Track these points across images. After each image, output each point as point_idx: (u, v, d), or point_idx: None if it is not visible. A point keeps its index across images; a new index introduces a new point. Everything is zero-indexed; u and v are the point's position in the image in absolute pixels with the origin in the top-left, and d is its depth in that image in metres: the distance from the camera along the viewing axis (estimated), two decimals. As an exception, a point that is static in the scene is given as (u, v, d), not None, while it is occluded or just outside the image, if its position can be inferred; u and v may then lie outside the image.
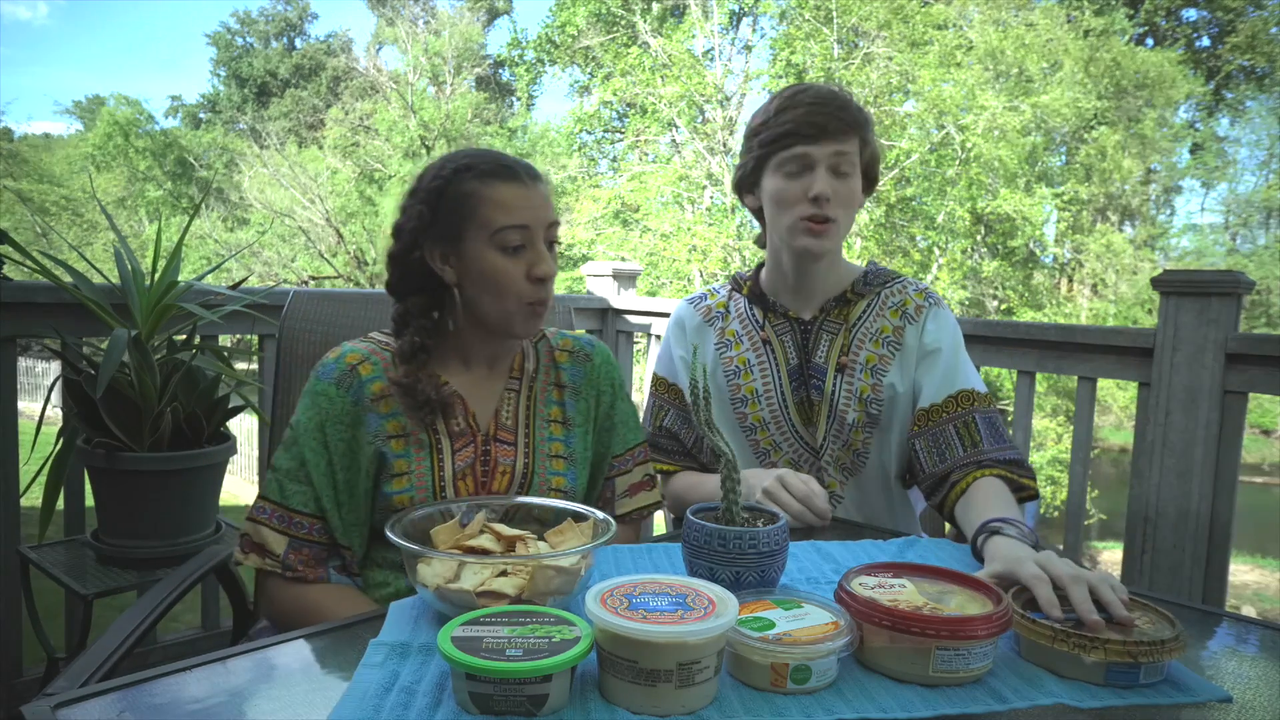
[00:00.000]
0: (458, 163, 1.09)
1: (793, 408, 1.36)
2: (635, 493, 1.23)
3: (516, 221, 1.05)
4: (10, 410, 1.88)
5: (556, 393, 1.19)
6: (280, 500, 1.05)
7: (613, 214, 13.83)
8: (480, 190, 1.06)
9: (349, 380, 1.08)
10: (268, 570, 1.04)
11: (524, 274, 1.06)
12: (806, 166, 1.28)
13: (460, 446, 1.10)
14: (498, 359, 1.16)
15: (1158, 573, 1.91)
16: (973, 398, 1.29)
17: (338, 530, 1.06)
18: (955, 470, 1.25)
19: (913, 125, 12.36)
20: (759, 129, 1.33)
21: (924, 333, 1.33)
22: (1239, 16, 16.40)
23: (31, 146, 24.03)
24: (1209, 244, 16.57)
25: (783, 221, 1.32)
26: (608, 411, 1.22)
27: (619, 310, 3.01)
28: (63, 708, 0.63)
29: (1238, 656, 0.84)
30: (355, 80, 22.34)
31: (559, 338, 1.23)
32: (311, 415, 1.06)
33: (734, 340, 1.42)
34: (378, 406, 1.08)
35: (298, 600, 1.03)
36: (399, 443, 1.08)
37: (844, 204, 1.29)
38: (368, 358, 1.10)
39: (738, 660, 0.70)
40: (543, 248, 1.08)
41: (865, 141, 1.31)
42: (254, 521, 1.05)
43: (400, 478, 1.07)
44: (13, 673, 1.92)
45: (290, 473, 1.05)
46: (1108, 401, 13.03)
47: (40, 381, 12.01)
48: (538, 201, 1.08)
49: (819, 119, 1.26)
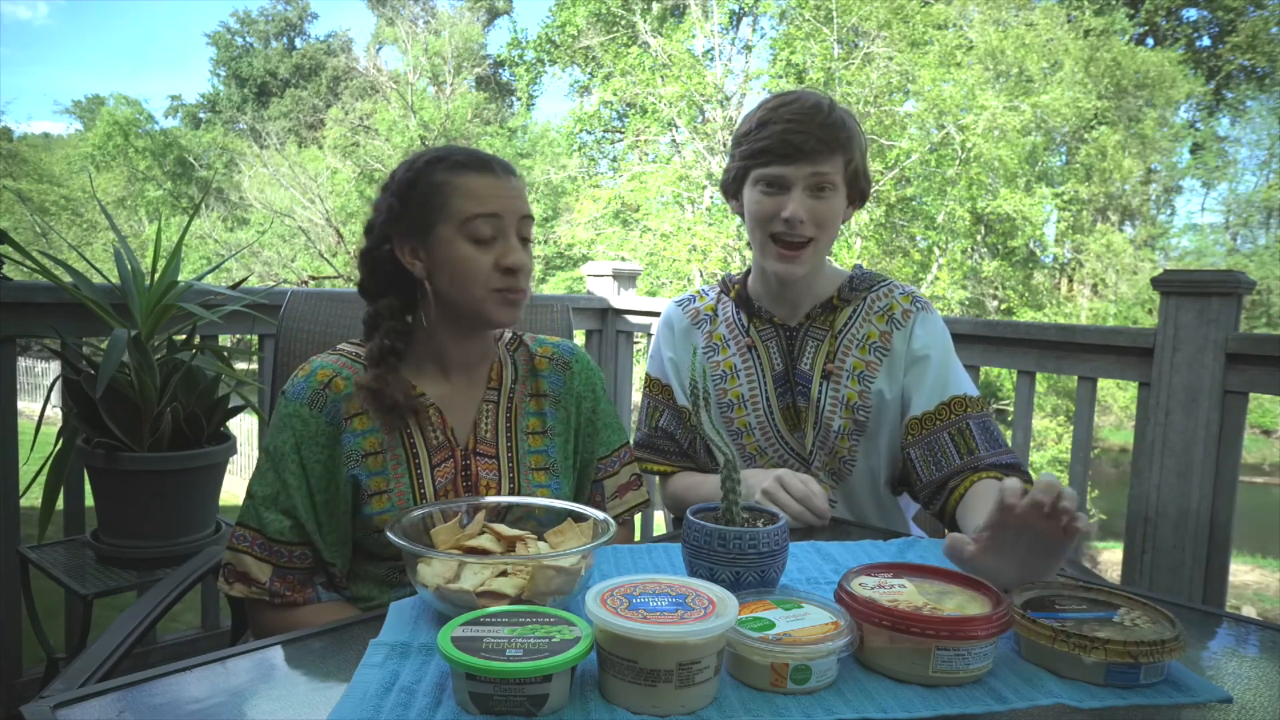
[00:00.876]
0: (430, 156, 1.08)
1: (778, 414, 1.35)
2: (624, 493, 1.23)
3: (487, 210, 1.03)
4: (10, 410, 1.87)
5: (535, 402, 1.16)
6: (259, 528, 1.02)
7: (613, 214, 13.84)
8: (451, 180, 1.04)
9: (321, 399, 1.04)
10: (254, 599, 1.02)
11: (493, 264, 1.03)
12: (782, 186, 1.26)
13: (439, 461, 1.08)
14: (474, 367, 1.14)
15: (1158, 573, 1.91)
16: (965, 403, 1.28)
17: (322, 550, 1.04)
18: (953, 477, 1.25)
19: (913, 125, 12.37)
20: (741, 139, 1.31)
21: (912, 338, 1.32)
22: (1239, 16, 16.41)
23: (31, 146, 24.06)
24: (1209, 244, 16.57)
25: (756, 237, 1.31)
26: (589, 417, 1.20)
27: (619, 310, 3.01)
28: (62, 708, 0.63)
29: (1238, 657, 0.84)
30: (355, 80, 22.35)
31: (538, 344, 1.21)
32: (286, 438, 1.03)
33: (721, 344, 1.41)
34: (352, 424, 1.05)
35: (286, 624, 1.01)
36: (376, 460, 1.05)
37: (821, 224, 1.27)
38: (339, 373, 1.07)
39: (738, 660, 0.69)
40: (514, 239, 1.05)
41: (849, 159, 1.28)
42: (235, 550, 1.02)
43: (379, 496, 1.04)
44: (13, 673, 1.92)
45: (268, 500, 1.02)
46: (1108, 401, 13.03)
47: (40, 381, 12.01)
48: (510, 192, 1.05)
49: (797, 138, 1.23)
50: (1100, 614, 0.77)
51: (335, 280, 17.88)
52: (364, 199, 18.00)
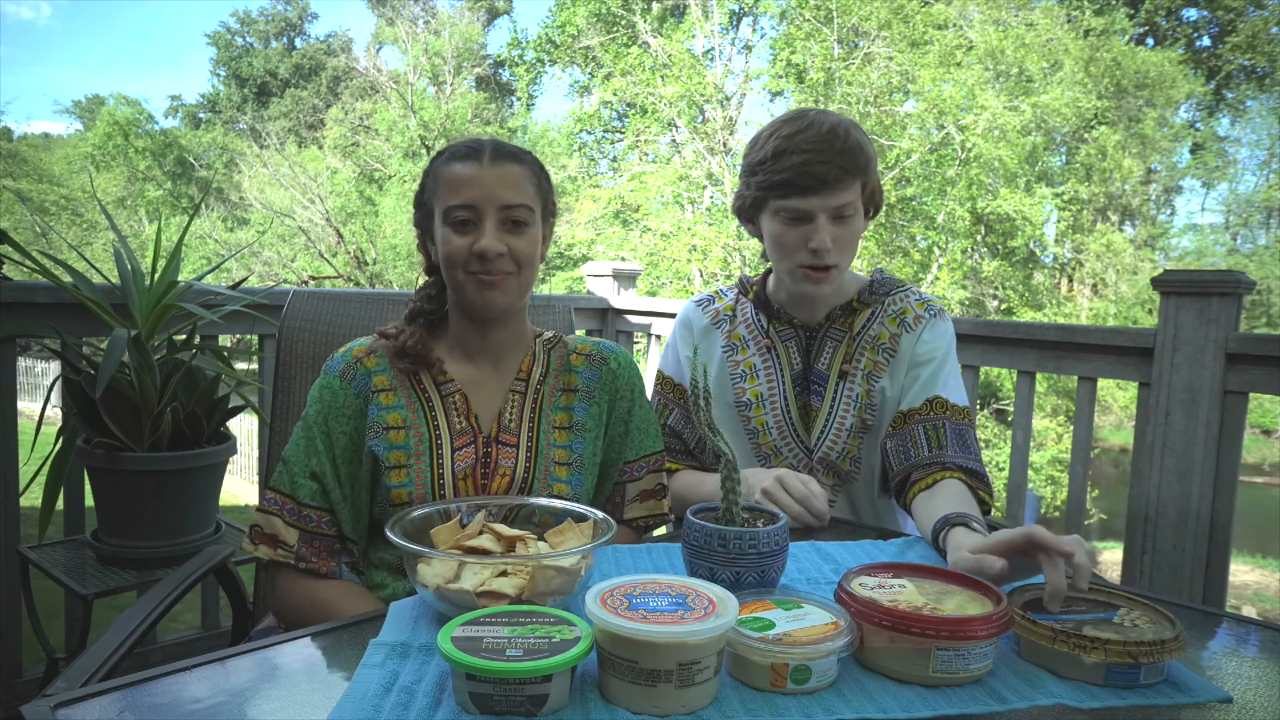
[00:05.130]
0: (444, 148, 1.14)
1: (795, 413, 1.36)
2: (645, 499, 1.22)
3: (462, 200, 1.06)
4: (10, 410, 1.88)
5: (565, 397, 1.17)
6: (290, 492, 1.06)
7: (613, 214, 13.84)
8: (440, 171, 1.10)
9: (353, 372, 1.10)
10: (280, 561, 1.04)
11: (468, 248, 1.07)
12: (805, 218, 1.25)
13: (461, 445, 1.10)
14: (501, 356, 1.16)
15: (1158, 573, 1.91)
16: (945, 406, 1.29)
17: (345, 524, 1.07)
18: (917, 469, 1.25)
19: (913, 125, 12.36)
20: (756, 168, 1.29)
21: (919, 342, 1.33)
22: (1239, 16, 16.41)
23: (31, 146, 24.05)
24: (1209, 244, 16.57)
25: (782, 265, 1.32)
26: (623, 416, 1.20)
27: (619, 310, 3.01)
28: (62, 708, 0.63)
29: (1238, 657, 0.84)
30: (355, 80, 22.34)
31: (578, 343, 1.22)
32: (318, 409, 1.08)
33: (740, 344, 1.42)
34: (379, 399, 1.09)
35: (310, 595, 1.03)
36: (398, 434, 1.08)
37: (845, 248, 1.28)
38: (373, 350, 1.12)
39: (738, 660, 0.69)
40: (489, 225, 1.06)
41: (866, 181, 1.28)
42: (265, 513, 1.05)
43: (399, 470, 1.07)
44: (13, 673, 1.92)
45: (300, 465, 1.06)
46: (1108, 401, 13.04)
47: (40, 381, 12.02)
48: (490, 181, 1.06)
49: (818, 169, 1.21)
50: (1100, 614, 0.77)
51: (335, 280, 17.89)
52: (364, 199, 18.02)
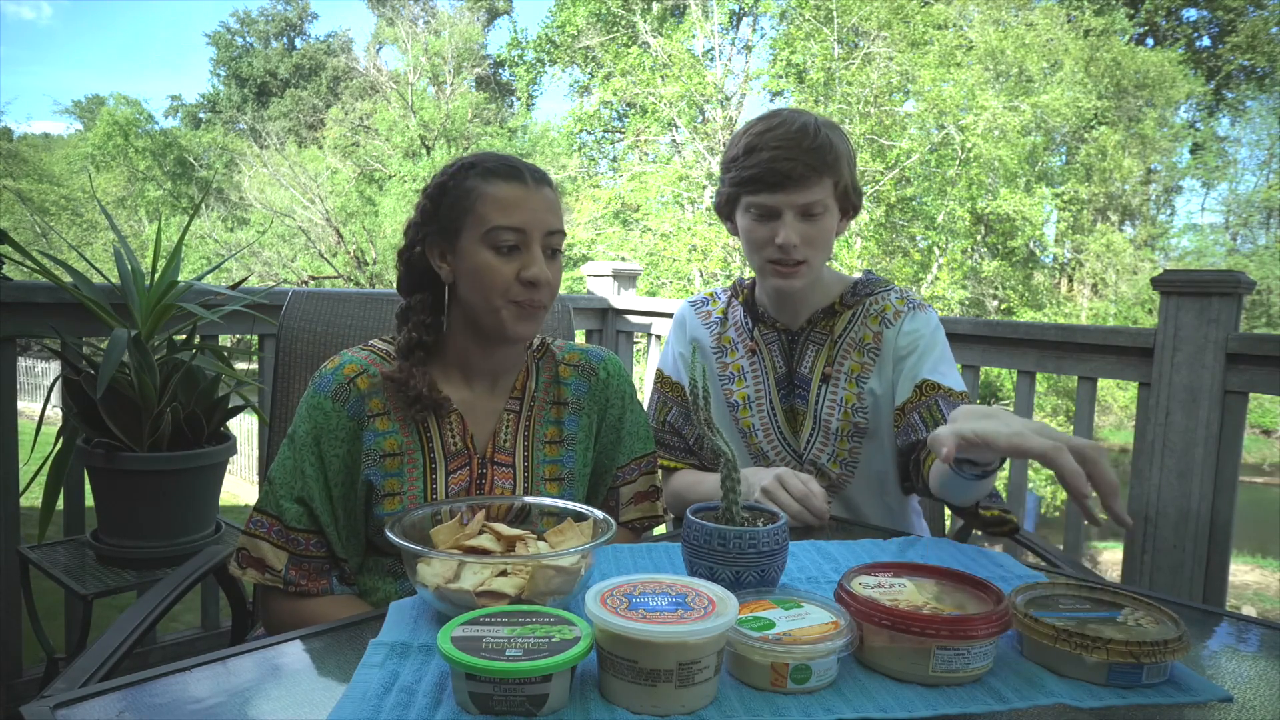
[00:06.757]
0: (466, 160, 1.07)
1: (780, 415, 1.37)
2: (640, 501, 1.22)
3: (511, 223, 1.02)
4: (10, 410, 1.87)
5: (555, 410, 1.15)
6: (277, 514, 1.02)
7: (613, 214, 13.84)
8: (480, 187, 1.03)
9: (345, 394, 1.04)
10: (268, 585, 1.01)
11: (514, 274, 1.02)
12: (773, 214, 1.27)
13: (455, 467, 1.07)
14: (499, 376, 1.13)
15: (1158, 573, 1.91)
16: (938, 388, 1.28)
17: (336, 544, 1.04)
18: (920, 446, 1.24)
19: (913, 125, 12.36)
20: (730, 165, 1.31)
21: (900, 334, 1.33)
22: (1239, 16, 16.42)
23: (31, 146, 24.07)
24: (1209, 244, 16.57)
25: (754, 261, 1.33)
26: (615, 424, 1.19)
27: (619, 310, 3.01)
28: (62, 708, 0.63)
29: (1238, 656, 0.84)
30: (355, 80, 22.35)
31: (566, 351, 1.19)
32: (308, 429, 1.03)
33: (730, 346, 1.43)
34: (374, 424, 1.04)
35: (298, 614, 1.01)
36: (393, 461, 1.04)
37: (814, 245, 1.28)
38: (366, 369, 1.06)
39: (738, 660, 0.69)
40: (538, 251, 1.03)
41: (837, 179, 1.28)
42: (251, 536, 1.02)
43: (392, 498, 1.04)
44: (13, 673, 1.92)
45: (285, 489, 1.02)
46: (1108, 401, 13.03)
47: (40, 381, 12.02)
48: (538, 205, 1.04)
49: (784, 166, 1.23)
50: (1103, 614, 0.77)
51: (335, 280, 17.89)
52: (364, 199, 18.01)
